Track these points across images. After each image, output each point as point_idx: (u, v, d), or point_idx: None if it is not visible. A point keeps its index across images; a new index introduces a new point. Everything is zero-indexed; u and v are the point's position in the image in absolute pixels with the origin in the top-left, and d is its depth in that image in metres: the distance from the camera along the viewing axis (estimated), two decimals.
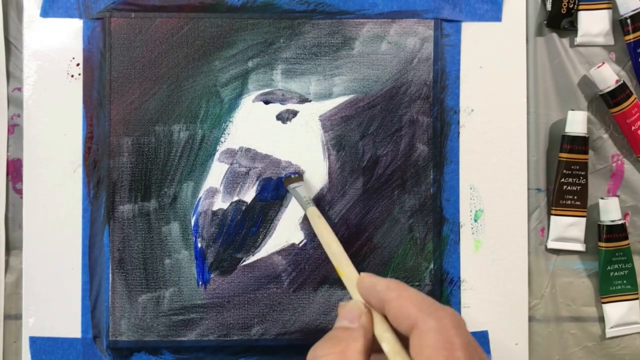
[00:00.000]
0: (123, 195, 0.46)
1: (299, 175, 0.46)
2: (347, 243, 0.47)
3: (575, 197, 0.48)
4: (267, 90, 0.47)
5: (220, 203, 0.47)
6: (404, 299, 0.25)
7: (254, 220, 0.46)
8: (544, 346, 0.48)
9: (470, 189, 0.48)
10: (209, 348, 0.46)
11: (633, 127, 0.47)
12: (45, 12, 0.47)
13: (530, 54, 0.48)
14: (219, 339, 0.46)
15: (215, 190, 0.47)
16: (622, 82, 0.47)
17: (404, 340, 0.26)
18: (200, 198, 0.46)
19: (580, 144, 0.47)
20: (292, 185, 0.45)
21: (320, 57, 0.47)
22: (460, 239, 0.48)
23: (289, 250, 0.47)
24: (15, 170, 0.47)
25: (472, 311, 0.47)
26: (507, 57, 0.48)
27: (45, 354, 0.46)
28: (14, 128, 0.47)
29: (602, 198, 0.48)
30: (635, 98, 0.47)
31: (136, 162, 0.46)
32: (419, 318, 0.24)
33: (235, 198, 0.46)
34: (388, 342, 0.25)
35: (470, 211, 0.48)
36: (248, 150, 0.47)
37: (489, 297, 0.47)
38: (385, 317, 0.27)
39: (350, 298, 0.31)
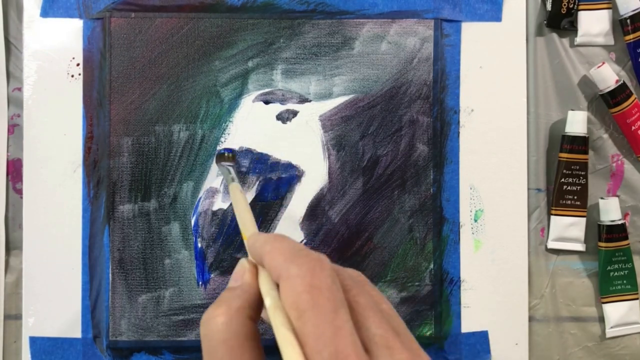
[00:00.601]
0: (123, 195, 0.46)
1: (232, 155, 0.46)
2: (347, 243, 0.47)
3: (575, 197, 0.48)
4: (267, 90, 0.47)
5: (220, 203, 0.47)
6: (274, 250, 0.25)
7: None
8: (544, 346, 0.48)
9: (470, 189, 0.48)
10: None
11: (633, 127, 0.47)
12: (45, 12, 0.47)
13: (530, 54, 0.48)
14: None
15: (215, 190, 0.47)
16: (622, 82, 0.47)
17: None
18: (200, 198, 0.46)
19: (580, 144, 0.47)
20: (223, 163, 0.45)
21: (320, 57, 0.47)
22: (460, 239, 0.48)
23: None
24: (15, 170, 0.47)
25: (472, 311, 0.47)
26: (507, 57, 0.48)
27: (45, 354, 0.46)
28: (14, 128, 0.47)
29: (602, 198, 0.48)
30: (635, 98, 0.47)
31: (136, 162, 0.46)
32: (282, 267, 0.24)
33: None
34: (271, 298, 0.24)
35: (470, 211, 0.48)
36: (248, 150, 0.47)
37: (489, 297, 0.47)
38: None
39: None
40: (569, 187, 0.47)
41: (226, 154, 0.46)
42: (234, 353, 0.24)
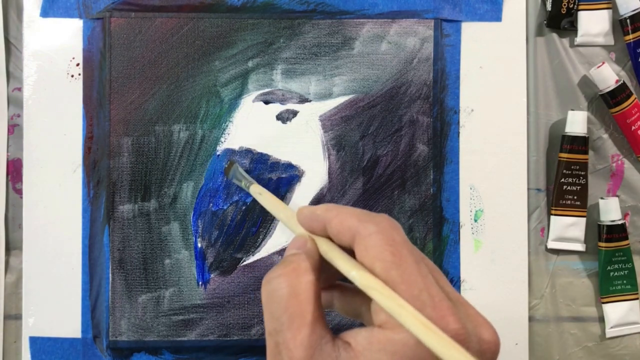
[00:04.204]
0: (123, 195, 0.46)
1: (230, 162, 0.46)
2: None
3: (575, 197, 0.48)
4: (267, 90, 0.47)
5: (220, 203, 0.47)
6: (343, 214, 0.27)
7: (254, 220, 0.46)
8: (544, 346, 0.48)
9: (470, 189, 0.48)
10: (209, 348, 0.46)
11: (633, 127, 0.47)
12: (45, 12, 0.47)
13: (530, 54, 0.48)
14: (219, 339, 0.46)
15: (215, 190, 0.46)
16: (622, 82, 0.47)
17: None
18: (200, 198, 0.46)
19: (580, 144, 0.47)
20: (233, 168, 0.45)
21: (320, 57, 0.47)
22: (460, 239, 0.48)
23: None
24: (15, 170, 0.47)
25: None
26: (507, 57, 0.48)
27: (45, 354, 0.46)
28: (14, 128, 0.47)
29: (602, 198, 0.48)
30: (635, 98, 0.47)
31: (136, 162, 0.46)
32: (359, 226, 0.25)
33: (235, 198, 0.46)
34: (339, 255, 0.26)
35: (470, 211, 0.48)
36: (248, 150, 0.47)
37: (489, 297, 0.47)
38: (330, 241, 0.28)
39: None
40: (569, 187, 0.47)
41: (226, 166, 0.46)
42: (303, 308, 0.25)
